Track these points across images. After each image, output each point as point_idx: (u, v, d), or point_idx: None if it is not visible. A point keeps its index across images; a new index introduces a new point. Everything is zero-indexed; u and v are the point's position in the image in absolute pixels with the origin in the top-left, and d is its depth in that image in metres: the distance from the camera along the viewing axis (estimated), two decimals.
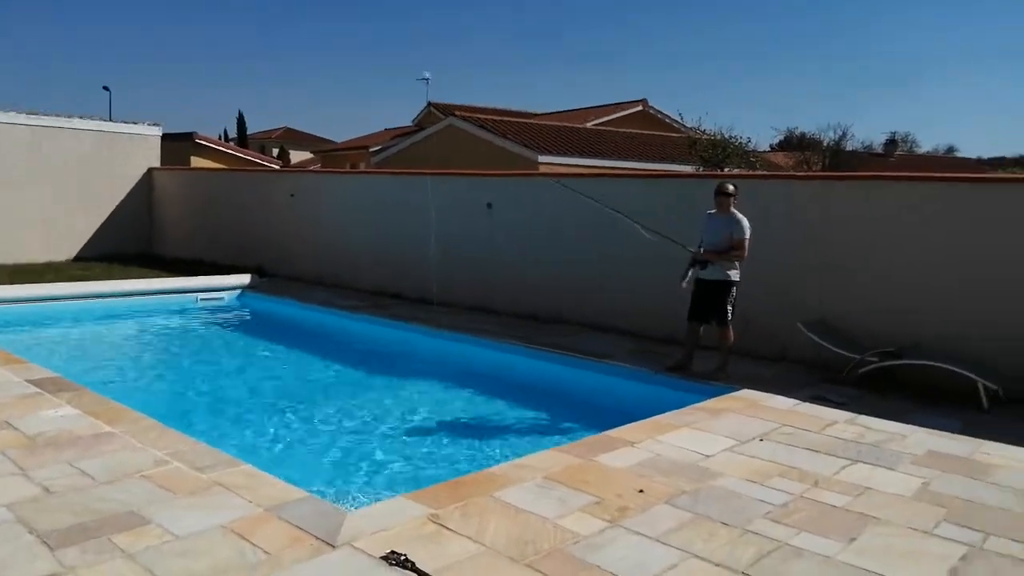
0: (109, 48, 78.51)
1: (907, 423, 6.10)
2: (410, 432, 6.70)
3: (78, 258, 16.63)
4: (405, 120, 34.99)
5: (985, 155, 53.12)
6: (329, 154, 37.91)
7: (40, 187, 16.31)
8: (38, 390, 6.32)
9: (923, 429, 5.96)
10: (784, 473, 4.95)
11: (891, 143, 38.01)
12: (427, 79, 35.33)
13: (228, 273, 13.62)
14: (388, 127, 37.42)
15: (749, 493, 4.61)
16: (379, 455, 6.11)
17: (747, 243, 7.22)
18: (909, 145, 50.32)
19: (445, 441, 6.47)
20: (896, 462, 5.22)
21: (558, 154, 19.18)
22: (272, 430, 6.67)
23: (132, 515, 4.00)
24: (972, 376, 6.64)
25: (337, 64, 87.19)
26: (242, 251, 15.59)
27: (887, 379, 7.24)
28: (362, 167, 29.00)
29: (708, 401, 6.61)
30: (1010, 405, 6.64)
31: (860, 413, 6.34)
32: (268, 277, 14.10)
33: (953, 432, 5.93)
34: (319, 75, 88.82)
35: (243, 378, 8.57)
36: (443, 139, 21.83)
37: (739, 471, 4.96)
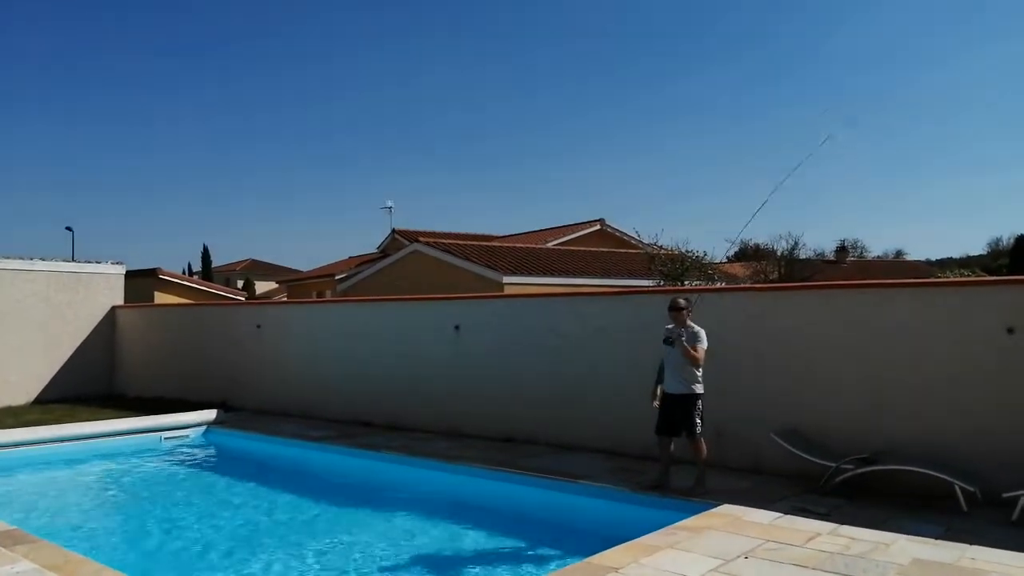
0: (70, 187, 79.28)
1: (889, 531, 6.06)
2: (385, 571, 6.46)
3: (39, 401, 16.20)
4: (370, 247, 35.50)
5: (933, 257, 55.25)
6: (295, 284, 38.09)
7: (1, 331, 16.05)
8: None
9: (905, 536, 5.92)
10: None
11: (842, 250, 39.31)
12: (390, 207, 36.09)
13: (193, 409, 13.34)
14: (353, 255, 37.86)
15: None
16: None
17: (702, 348, 7.37)
18: (859, 250, 52.15)
19: None
20: (883, 573, 5.15)
21: (522, 274, 19.51)
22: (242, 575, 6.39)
23: None
24: (948, 479, 6.66)
25: (300, 194, 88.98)
26: (207, 385, 15.33)
27: (865, 486, 7.23)
28: (328, 295, 29.11)
29: (689, 519, 6.52)
30: (988, 506, 6.65)
31: (842, 523, 6.29)
32: (234, 411, 13.83)
33: (936, 538, 5.90)
34: (283, 206, 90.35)
35: (211, 521, 8.25)
36: (408, 265, 22.12)
37: None
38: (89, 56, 66.30)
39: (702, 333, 7.45)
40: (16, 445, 11.04)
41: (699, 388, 7.43)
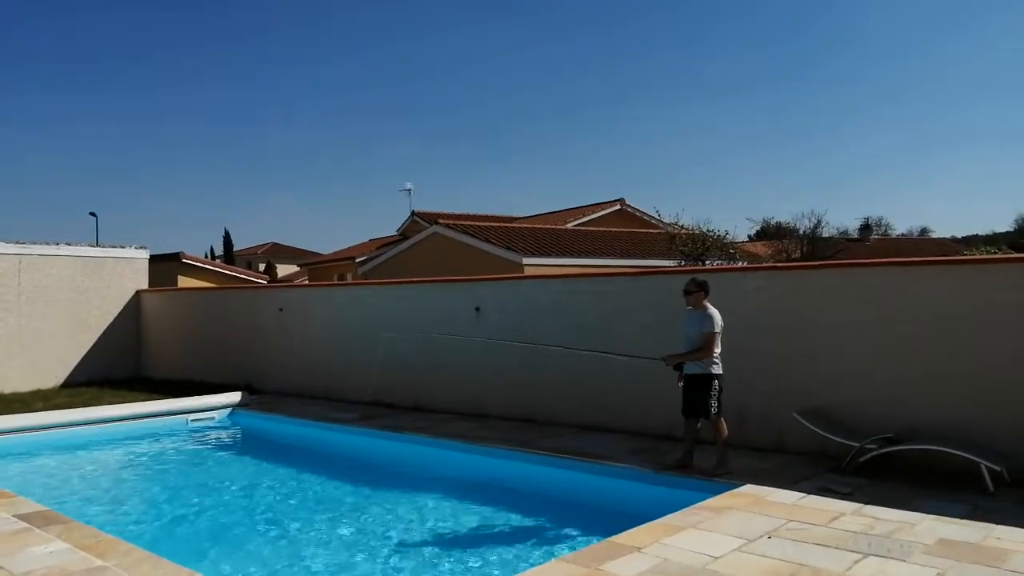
0: (94, 173, 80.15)
1: (914, 511, 6.03)
2: (409, 549, 6.53)
3: (66, 384, 16.46)
4: (390, 230, 35.58)
5: (958, 234, 54.48)
6: (316, 267, 38.27)
7: (27, 315, 16.32)
8: (27, 525, 6.15)
9: (931, 516, 5.89)
10: (796, 572, 4.85)
11: (865, 228, 38.88)
12: (410, 190, 36.09)
13: (218, 392, 13.50)
14: (373, 237, 37.96)
15: None
16: None
17: (714, 337, 7.33)
18: (883, 228, 51.53)
19: (446, 557, 6.30)
20: (908, 553, 5.13)
21: (542, 255, 19.48)
22: (268, 555, 6.48)
23: None
24: (974, 458, 6.61)
25: (321, 177, 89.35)
26: (232, 368, 15.51)
27: (889, 465, 7.20)
28: (349, 278, 29.25)
29: (711, 499, 6.52)
30: (1015, 486, 6.60)
31: (866, 503, 6.27)
32: (258, 393, 13.98)
33: (961, 517, 5.86)
34: (302, 189, 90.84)
35: (236, 501, 8.38)
36: (429, 247, 22.16)
37: (750, 572, 4.86)
38: (110, 47, 66.70)
39: (715, 317, 7.38)
40: (46, 428, 11.24)
41: (715, 369, 7.38)
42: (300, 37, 69.28)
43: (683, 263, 19.43)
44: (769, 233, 33.01)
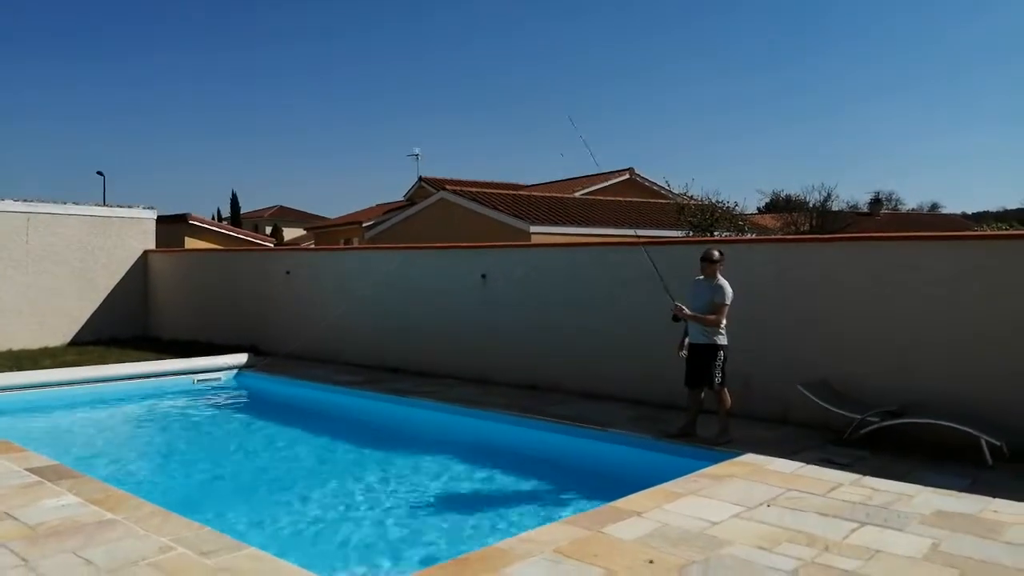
0: (101, 132, 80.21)
1: (913, 482, 6.09)
2: (413, 509, 6.64)
3: (74, 343, 16.59)
4: (397, 195, 35.49)
5: (969, 210, 54.09)
6: (322, 231, 38.28)
7: (35, 273, 16.41)
8: (39, 479, 6.25)
9: (929, 488, 5.95)
10: (793, 538, 4.92)
11: (876, 202, 38.64)
12: (417, 155, 35.96)
13: (225, 353, 13.60)
14: (380, 202, 37.88)
15: (759, 560, 4.57)
16: (383, 534, 6.04)
17: (725, 309, 7.35)
18: (894, 203, 51.25)
19: (449, 517, 6.41)
20: (905, 523, 5.19)
21: (550, 224, 19.45)
22: (275, 511, 6.59)
23: None
24: (974, 432, 6.65)
25: (328, 140, 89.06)
26: (238, 330, 15.60)
27: (890, 438, 7.24)
28: (356, 243, 29.27)
29: (712, 467, 6.59)
30: (1014, 460, 6.64)
31: (865, 474, 6.33)
32: (264, 355, 14.08)
33: (960, 490, 5.92)
34: (310, 152, 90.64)
35: (243, 459, 8.50)
36: (435, 213, 22.12)
37: (748, 538, 4.93)
38: (121, 13, 66.13)
39: (727, 288, 7.40)
40: (55, 385, 11.36)
41: (722, 339, 7.42)
42: (311, 7, 68.64)
43: (691, 234, 19.37)
44: (779, 206, 32.85)
